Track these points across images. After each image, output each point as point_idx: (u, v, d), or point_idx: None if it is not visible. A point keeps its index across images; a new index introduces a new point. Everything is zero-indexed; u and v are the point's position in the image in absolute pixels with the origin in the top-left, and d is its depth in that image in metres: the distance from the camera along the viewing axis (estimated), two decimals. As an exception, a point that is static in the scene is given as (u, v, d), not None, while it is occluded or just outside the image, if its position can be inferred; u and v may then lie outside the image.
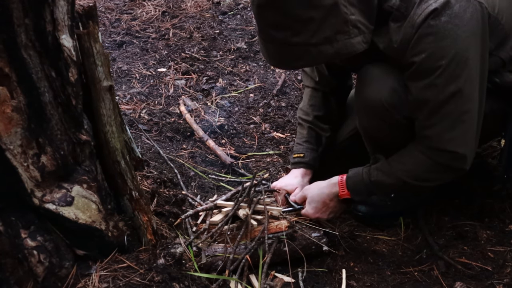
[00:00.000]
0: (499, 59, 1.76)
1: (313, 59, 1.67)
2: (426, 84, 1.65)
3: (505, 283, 1.75)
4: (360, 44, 1.66)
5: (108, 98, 1.59)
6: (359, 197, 1.94)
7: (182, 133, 2.85)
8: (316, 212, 1.96)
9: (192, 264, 1.74)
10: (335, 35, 1.61)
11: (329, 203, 1.95)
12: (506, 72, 1.80)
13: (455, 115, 1.67)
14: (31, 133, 1.41)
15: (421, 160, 1.75)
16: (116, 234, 1.64)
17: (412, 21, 1.63)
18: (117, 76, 3.53)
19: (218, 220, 1.93)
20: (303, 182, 2.12)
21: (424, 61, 1.63)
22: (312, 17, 1.58)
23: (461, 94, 1.64)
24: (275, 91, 3.26)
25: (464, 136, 1.71)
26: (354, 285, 1.83)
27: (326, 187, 1.96)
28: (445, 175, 1.79)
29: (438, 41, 1.60)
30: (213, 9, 4.54)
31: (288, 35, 1.62)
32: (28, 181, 1.45)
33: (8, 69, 1.33)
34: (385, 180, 1.83)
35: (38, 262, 1.50)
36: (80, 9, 1.54)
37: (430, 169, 1.76)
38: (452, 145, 1.70)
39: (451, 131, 1.68)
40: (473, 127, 1.71)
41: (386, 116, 1.79)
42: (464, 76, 1.62)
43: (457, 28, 1.59)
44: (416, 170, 1.78)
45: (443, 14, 1.59)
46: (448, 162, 1.73)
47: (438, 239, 1.99)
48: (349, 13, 1.60)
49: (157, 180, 2.12)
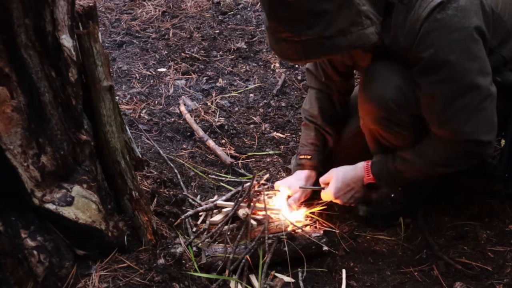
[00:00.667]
0: (501, 57, 1.76)
1: (327, 52, 1.66)
2: (438, 79, 1.64)
3: (505, 283, 1.74)
4: (373, 34, 1.64)
5: (108, 98, 1.59)
6: (383, 183, 1.96)
7: (182, 133, 2.85)
8: (338, 192, 1.97)
9: (192, 264, 1.74)
10: (349, 26, 1.60)
11: (353, 186, 1.97)
12: (507, 71, 1.79)
13: (473, 106, 1.66)
14: (31, 133, 1.41)
15: (446, 151, 1.77)
16: (116, 234, 1.64)
17: (417, 14, 1.61)
18: (117, 76, 3.52)
19: (218, 220, 1.93)
20: (305, 185, 2.12)
21: (433, 56, 1.61)
22: (326, 10, 1.56)
23: (475, 85, 1.63)
24: (275, 91, 3.25)
25: (485, 123, 1.71)
26: (354, 285, 1.82)
27: (352, 170, 1.97)
28: (470, 160, 1.82)
29: (446, 35, 1.58)
30: (213, 9, 4.54)
31: (302, 29, 1.60)
32: (28, 181, 1.45)
33: (8, 69, 1.33)
34: (411, 170, 1.85)
35: (38, 262, 1.49)
36: (80, 9, 1.54)
37: (456, 157, 1.78)
38: (476, 135, 1.70)
39: (471, 121, 1.68)
40: (493, 112, 1.71)
41: (391, 115, 1.78)
42: (476, 67, 1.62)
43: (464, 21, 1.58)
44: (442, 160, 1.79)
45: (449, 7, 1.57)
46: (473, 150, 1.74)
47: (438, 239, 1.99)
48: (361, 4, 1.59)
49: (157, 180, 2.12)
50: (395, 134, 1.84)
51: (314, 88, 2.23)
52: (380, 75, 1.79)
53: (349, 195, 2.00)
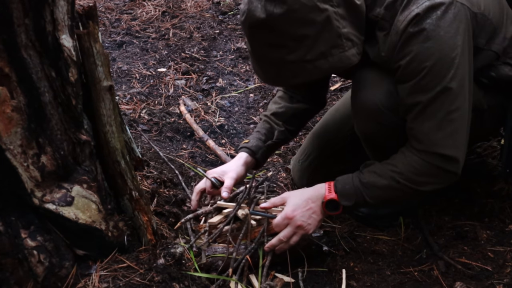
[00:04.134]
0: (492, 53, 1.76)
1: (309, 75, 1.68)
2: (412, 86, 1.65)
3: (505, 283, 1.75)
4: (355, 56, 1.68)
5: (108, 98, 1.59)
6: (347, 201, 1.76)
7: (182, 133, 2.85)
8: (295, 210, 1.76)
9: (192, 264, 1.74)
10: (330, 49, 1.63)
11: (311, 206, 1.78)
12: (501, 64, 1.79)
13: (442, 114, 1.64)
14: (31, 133, 1.41)
15: (413, 162, 1.70)
16: (116, 234, 1.64)
17: (396, 28, 1.65)
18: (117, 76, 3.53)
19: (216, 221, 1.92)
20: (238, 167, 2.01)
21: (409, 63, 1.63)
22: (307, 34, 1.60)
23: (448, 92, 1.62)
24: (275, 91, 3.24)
25: (454, 137, 1.66)
26: (354, 285, 1.83)
27: (311, 189, 1.84)
28: (437, 179, 1.72)
29: (422, 43, 1.60)
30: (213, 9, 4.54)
31: (283, 54, 1.64)
32: (28, 181, 1.45)
33: (8, 69, 1.33)
34: (378, 181, 1.73)
35: (38, 262, 1.50)
36: (80, 9, 1.54)
37: (422, 171, 1.69)
38: (440, 147, 1.66)
39: (439, 131, 1.65)
40: (464, 128, 1.68)
41: (383, 119, 1.78)
42: (450, 75, 1.62)
43: (440, 29, 1.59)
44: (408, 172, 1.70)
45: (425, 17, 1.60)
46: (439, 164, 1.67)
47: (438, 239, 1.99)
48: (341, 26, 1.63)
49: (157, 180, 2.12)
50: (388, 138, 1.82)
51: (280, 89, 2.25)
52: (370, 81, 1.79)
53: (308, 213, 1.77)
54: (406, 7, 1.64)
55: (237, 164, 2.03)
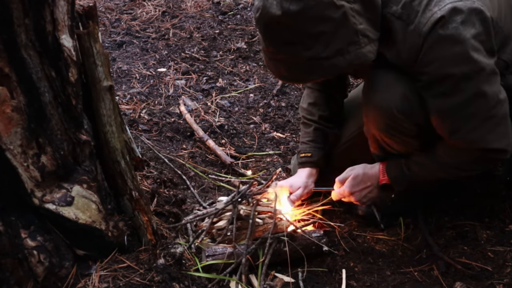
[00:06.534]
0: (502, 62, 1.75)
1: (325, 72, 1.66)
2: (443, 92, 1.63)
3: (505, 283, 1.75)
4: (371, 52, 1.65)
5: (108, 98, 1.59)
6: (397, 185, 1.91)
7: (182, 133, 2.85)
8: (354, 188, 1.95)
9: (192, 264, 1.74)
10: (347, 46, 1.60)
11: (369, 185, 1.94)
12: (509, 74, 1.78)
13: (481, 115, 1.65)
14: (31, 133, 1.41)
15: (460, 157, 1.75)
16: (116, 234, 1.64)
17: (418, 30, 1.61)
18: (117, 76, 3.52)
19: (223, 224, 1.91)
20: (307, 182, 2.11)
21: (437, 70, 1.61)
22: (323, 31, 1.57)
23: (481, 94, 1.62)
24: (275, 91, 3.25)
25: (496, 131, 1.68)
26: (354, 285, 1.83)
27: (371, 168, 1.95)
28: (486, 166, 1.84)
29: (449, 48, 1.58)
30: (213, 9, 4.54)
31: (299, 51, 1.60)
32: (28, 181, 1.45)
33: (8, 69, 1.33)
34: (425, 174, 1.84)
35: (38, 262, 1.50)
36: (80, 9, 1.54)
37: (470, 162, 1.77)
38: (487, 144, 1.68)
39: (481, 130, 1.67)
40: (505, 118, 1.69)
41: (395, 123, 1.76)
42: (480, 77, 1.61)
43: (466, 33, 1.57)
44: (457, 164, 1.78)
45: (450, 21, 1.57)
46: (487, 156, 1.74)
47: (438, 239, 1.99)
48: (358, 23, 1.60)
49: (157, 180, 2.12)
50: (398, 141, 1.83)
51: (310, 87, 2.23)
52: (385, 83, 1.76)
53: (364, 192, 1.96)
54: (427, 8, 1.60)
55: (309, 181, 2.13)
